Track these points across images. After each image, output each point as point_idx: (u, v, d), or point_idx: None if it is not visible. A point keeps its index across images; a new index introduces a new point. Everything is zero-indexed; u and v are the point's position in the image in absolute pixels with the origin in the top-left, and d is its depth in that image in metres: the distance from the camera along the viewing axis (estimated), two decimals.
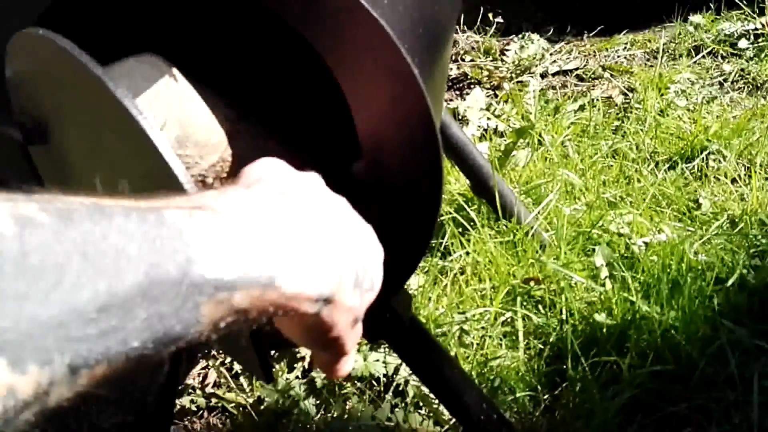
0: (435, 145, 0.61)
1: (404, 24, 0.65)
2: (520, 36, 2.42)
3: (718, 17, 2.19)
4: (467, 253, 1.29)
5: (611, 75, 2.02)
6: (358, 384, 1.12)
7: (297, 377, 1.18)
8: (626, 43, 2.26)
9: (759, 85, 1.88)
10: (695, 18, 2.20)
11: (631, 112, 1.76)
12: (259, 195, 0.39)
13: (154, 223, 0.30)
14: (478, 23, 2.51)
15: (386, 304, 0.74)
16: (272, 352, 1.13)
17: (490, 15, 2.54)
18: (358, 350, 1.11)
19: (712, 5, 2.24)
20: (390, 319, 0.78)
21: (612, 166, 1.54)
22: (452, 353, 1.10)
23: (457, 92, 2.19)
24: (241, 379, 1.19)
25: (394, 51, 0.58)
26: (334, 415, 1.10)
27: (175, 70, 0.60)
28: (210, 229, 0.33)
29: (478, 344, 1.13)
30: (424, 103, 0.60)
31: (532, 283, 1.22)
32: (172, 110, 0.59)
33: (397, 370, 1.12)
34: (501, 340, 1.14)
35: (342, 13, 0.56)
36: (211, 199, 0.36)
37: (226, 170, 0.63)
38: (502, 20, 2.56)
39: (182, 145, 0.60)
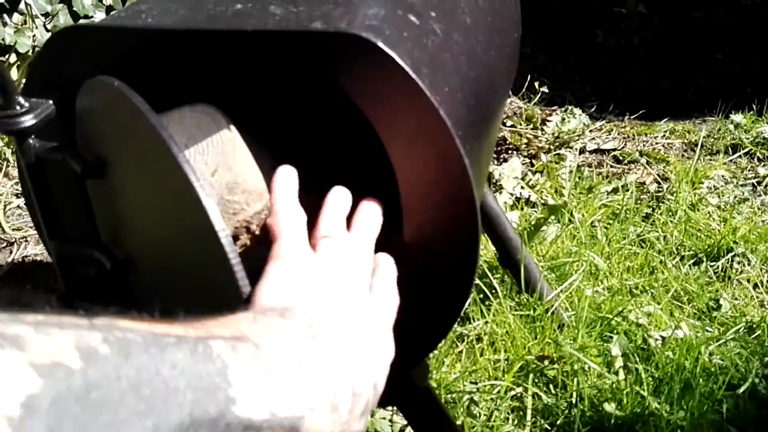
0: (474, 235, 0.64)
1: (460, 112, 0.69)
2: (563, 109, 2.47)
3: (759, 119, 2.22)
4: (486, 322, 1.31)
5: (647, 161, 2.05)
6: None
7: None
8: (666, 131, 2.29)
9: None
10: (736, 117, 2.23)
11: (663, 202, 1.79)
12: (292, 331, 0.40)
13: (202, 356, 0.32)
14: (524, 90, 2.57)
15: (405, 374, 0.76)
16: None
17: (537, 84, 2.60)
18: None
19: (754, 107, 2.27)
20: (405, 387, 0.80)
21: (638, 254, 1.56)
22: (459, 422, 1.12)
23: (495, 155, 2.23)
24: None
25: (449, 140, 0.61)
26: None
27: (227, 120, 0.64)
28: (250, 367, 0.34)
29: (486, 416, 1.14)
30: (471, 194, 0.63)
31: (546, 362, 1.23)
32: (224, 157, 0.63)
33: (402, 430, 1.13)
34: (509, 414, 1.16)
35: (402, 95, 0.59)
36: (249, 326, 0.37)
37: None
38: (547, 90, 2.62)
39: (231, 191, 0.63)
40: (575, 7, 3.24)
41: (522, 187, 1.86)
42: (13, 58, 2.29)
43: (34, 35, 2.41)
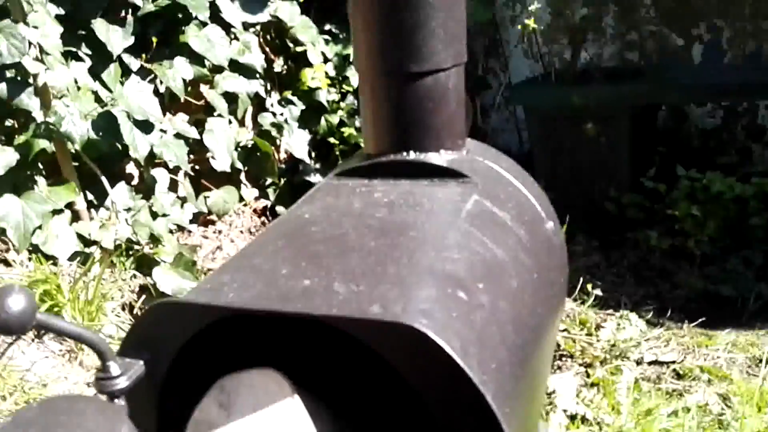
0: None
1: (508, 386, 0.72)
2: (618, 314, 2.46)
3: None
4: None
5: (709, 378, 2.00)
6: None
7: None
8: (727, 343, 2.24)
9: None
10: None
11: (727, 428, 1.72)
12: None
13: None
14: (577, 292, 2.58)
15: None
16: None
17: (589, 285, 2.60)
18: None
19: None
20: None
21: None
22: None
23: None
24: None
25: (496, 423, 0.64)
26: None
27: (291, 387, 0.69)
28: None
29: None
30: None
31: None
32: (288, 425, 0.68)
33: None
34: None
35: (450, 379, 0.63)
36: None
37: None
38: (600, 293, 2.62)
39: None
40: (628, 208, 3.31)
41: (577, 403, 1.83)
42: (97, 253, 2.47)
43: (116, 230, 2.60)
